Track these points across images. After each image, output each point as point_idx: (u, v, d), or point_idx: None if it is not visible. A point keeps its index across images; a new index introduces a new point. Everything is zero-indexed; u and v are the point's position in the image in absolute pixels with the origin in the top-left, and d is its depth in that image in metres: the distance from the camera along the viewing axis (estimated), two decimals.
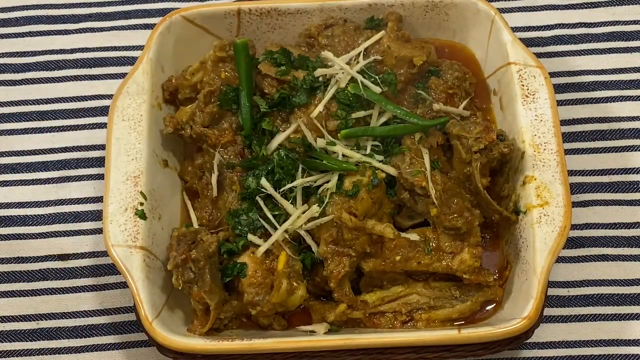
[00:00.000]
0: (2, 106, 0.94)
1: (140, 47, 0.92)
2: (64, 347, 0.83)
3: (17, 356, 0.83)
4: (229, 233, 0.78)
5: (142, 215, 0.76)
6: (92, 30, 0.97)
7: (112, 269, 0.85)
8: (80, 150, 0.91)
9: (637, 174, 0.87)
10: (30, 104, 0.94)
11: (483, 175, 0.78)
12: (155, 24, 0.85)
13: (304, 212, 0.75)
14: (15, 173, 0.90)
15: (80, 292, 0.85)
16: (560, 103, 0.89)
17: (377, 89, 0.79)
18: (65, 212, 0.88)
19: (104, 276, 0.85)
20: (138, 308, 0.73)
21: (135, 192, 0.77)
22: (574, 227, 0.84)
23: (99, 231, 0.86)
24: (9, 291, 0.85)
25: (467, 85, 0.84)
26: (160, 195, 0.80)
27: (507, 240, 0.79)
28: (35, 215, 0.88)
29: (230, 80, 0.82)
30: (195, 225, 0.80)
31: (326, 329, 0.76)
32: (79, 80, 0.95)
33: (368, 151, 0.77)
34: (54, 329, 0.84)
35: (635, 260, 0.83)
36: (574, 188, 0.86)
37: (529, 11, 0.96)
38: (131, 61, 0.94)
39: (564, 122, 0.88)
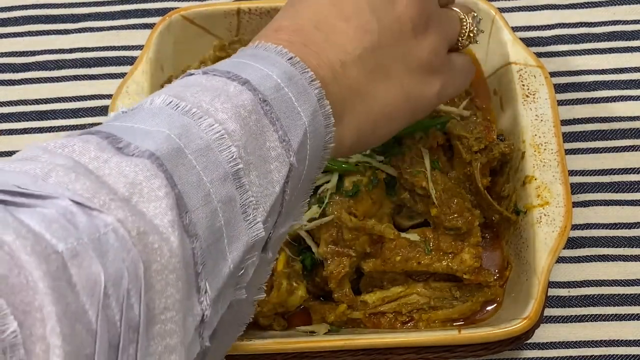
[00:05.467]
0: (2, 106, 0.93)
1: (139, 47, 0.92)
2: None
3: None
4: None
5: None
6: (92, 30, 0.97)
7: None
8: None
9: (637, 174, 0.87)
10: (30, 104, 0.93)
11: (483, 175, 0.78)
12: (154, 24, 0.85)
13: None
14: None
15: None
16: (560, 103, 0.89)
17: None
18: None
19: None
20: None
21: None
22: (575, 227, 0.84)
23: None
24: None
25: (467, 85, 0.84)
26: None
27: (507, 241, 0.79)
28: None
29: None
30: None
31: (326, 329, 0.75)
32: (79, 80, 0.95)
33: (368, 151, 0.76)
34: None
35: (636, 261, 0.83)
36: (575, 188, 0.86)
37: (529, 11, 0.96)
38: (131, 61, 0.94)
39: (564, 122, 0.88)
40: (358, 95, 0.53)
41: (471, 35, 0.65)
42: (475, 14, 0.67)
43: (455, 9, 0.65)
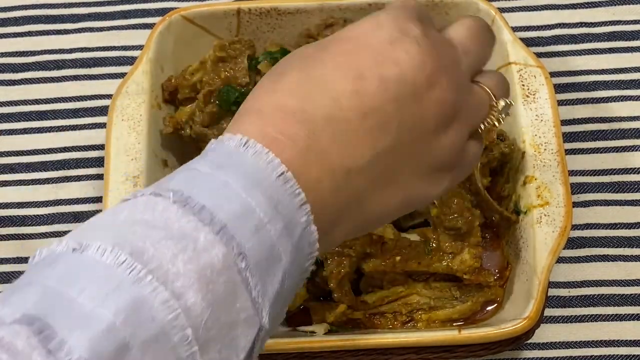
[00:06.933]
0: (2, 106, 0.93)
1: (139, 47, 0.92)
2: None
3: None
4: None
5: None
6: (92, 30, 0.97)
7: None
8: (80, 150, 0.91)
9: (637, 174, 0.87)
10: (30, 104, 0.93)
11: (483, 175, 0.78)
12: (154, 24, 0.85)
13: None
14: (14, 173, 0.90)
15: None
16: (560, 103, 0.89)
17: None
18: (65, 212, 0.88)
19: None
20: None
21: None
22: (575, 227, 0.84)
23: None
24: None
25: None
26: None
27: (507, 241, 0.79)
28: (35, 215, 0.88)
29: (230, 80, 0.82)
30: None
31: (326, 329, 0.75)
32: (79, 80, 0.95)
33: None
34: None
35: (636, 261, 0.83)
36: (575, 188, 0.86)
37: (530, 11, 0.96)
38: (131, 61, 0.94)
39: (564, 122, 0.88)
40: (356, 204, 0.46)
41: (496, 125, 0.54)
42: (508, 101, 0.55)
43: (486, 88, 0.54)
